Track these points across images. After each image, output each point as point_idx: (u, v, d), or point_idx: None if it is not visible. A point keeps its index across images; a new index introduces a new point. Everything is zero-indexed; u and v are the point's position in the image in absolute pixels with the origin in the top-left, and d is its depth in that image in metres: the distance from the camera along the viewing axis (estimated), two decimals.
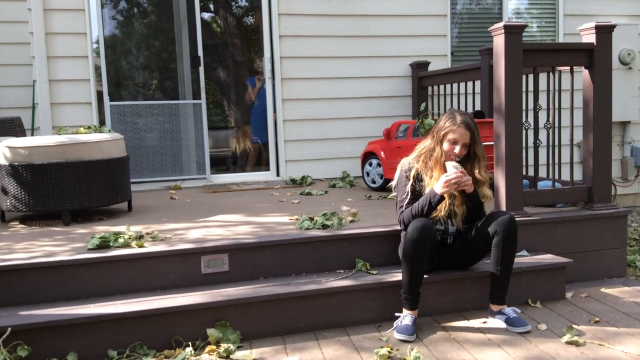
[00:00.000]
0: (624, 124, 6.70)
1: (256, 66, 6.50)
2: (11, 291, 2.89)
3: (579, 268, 3.61)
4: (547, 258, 3.45)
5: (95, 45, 5.48)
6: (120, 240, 3.15)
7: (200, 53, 5.61)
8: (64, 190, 3.79)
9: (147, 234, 3.40)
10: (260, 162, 6.90)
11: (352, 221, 3.61)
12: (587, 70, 3.75)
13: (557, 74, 3.87)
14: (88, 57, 5.34)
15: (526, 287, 3.29)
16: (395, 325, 2.93)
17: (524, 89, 3.72)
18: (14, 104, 5.77)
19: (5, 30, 5.79)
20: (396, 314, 2.98)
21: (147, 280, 3.04)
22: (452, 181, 2.87)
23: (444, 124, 3.01)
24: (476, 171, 3.04)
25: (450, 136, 2.98)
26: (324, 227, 3.41)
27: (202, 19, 5.76)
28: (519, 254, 3.50)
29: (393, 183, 3.17)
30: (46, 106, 5.26)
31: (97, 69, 5.48)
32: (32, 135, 5.64)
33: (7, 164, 3.81)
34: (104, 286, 2.99)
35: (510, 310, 2.99)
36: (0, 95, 5.84)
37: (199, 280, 3.10)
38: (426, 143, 3.10)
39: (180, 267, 3.09)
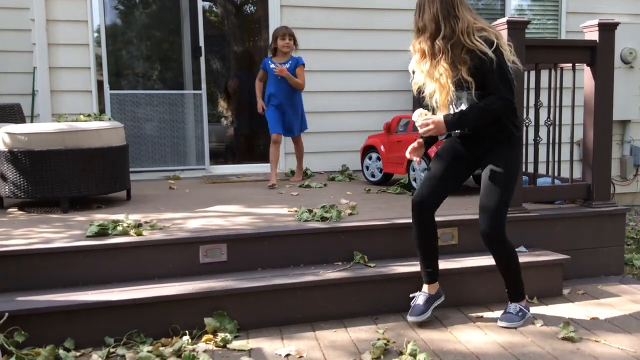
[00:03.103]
0: (624, 123, 6.70)
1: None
2: (9, 277, 2.88)
3: (576, 265, 3.61)
4: (545, 254, 3.45)
5: (96, 34, 5.46)
6: (119, 228, 3.15)
7: (202, 43, 5.60)
8: (63, 178, 3.78)
9: (146, 222, 3.40)
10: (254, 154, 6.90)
11: (351, 214, 3.61)
12: (589, 67, 3.75)
13: (559, 71, 3.87)
14: (89, 45, 5.33)
15: (524, 283, 3.28)
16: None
17: (525, 85, 3.71)
18: (14, 90, 5.77)
19: (6, 17, 5.78)
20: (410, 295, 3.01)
21: (145, 269, 3.04)
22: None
23: None
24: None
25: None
26: (323, 219, 3.41)
27: (203, 9, 5.75)
28: (517, 249, 3.50)
29: None
30: (46, 93, 5.25)
31: (98, 57, 5.47)
32: (32, 122, 5.63)
33: (6, 150, 3.80)
34: (102, 273, 2.98)
35: (512, 307, 2.98)
36: (0, 81, 5.84)
37: (197, 269, 3.10)
38: None
39: (178, 256, 3.08)
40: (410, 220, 3.22)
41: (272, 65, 4.94)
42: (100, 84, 5.47)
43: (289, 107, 4.98)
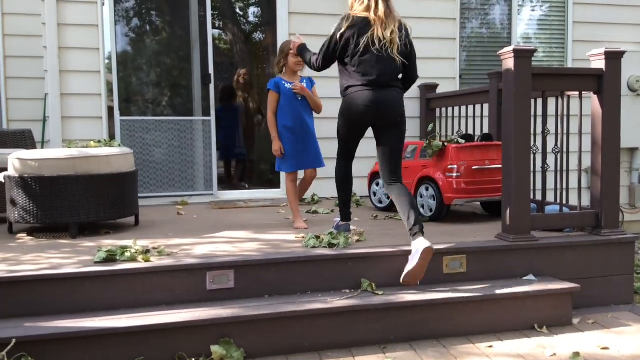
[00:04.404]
0: (632, 151, 6.69)
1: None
2: (17, 303, 2.89)
3: (586, 294, 3.58)
4: (554, 283, 3.43)
5: (107, 61, 5.54)
6: (127, 254, 3.16)
7: (211, 70, 5.67)
8: (73, 203, 3.81)
9: (154, 248, 3.41)
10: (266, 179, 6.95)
11: (358, 241, 3.61)
12: (596, 95, 3.76)
13: (565, 99, 3.88)
14: (100, 72, 5.40)
15: (533, 311, 3.26)
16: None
17: (532, 112, 3.73)
18: (26, 116, 5.85)
19: (20, 44, 5.89)
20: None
21: (153, 295, 3.04)
22: None
23: None
24: None
25: None
26: (330, 246, 3.41)
27: (213, 37, 5.83)
28: (525, 277, 3.49)
29: None
30: (57, 119, 5.31)
31: (109, 84, 5.54)
32: (42, 148, 5.69)
33: (17, 175, 3.83)
34: (110, 300, 2.98)
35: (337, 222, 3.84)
36: (13, 107, 5.92)
37: (204, 296, 3.10)
38: None
39: (185, 283, 3.08)
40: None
41: (287, 85, 4.18)
42: (110, 110, 5.53)
43: (308, 135, 4.22)
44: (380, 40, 3.38)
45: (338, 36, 3.48)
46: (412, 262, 3.11)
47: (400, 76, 3.55)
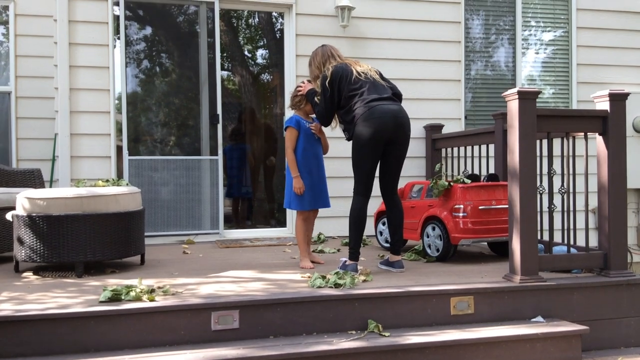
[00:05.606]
0: (639, 191, 6.67)
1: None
2: (22, 342, 2.87)
3: (595, 336, 3.53)
4: (563, 325, 3.38)
5: (117, 102, 5.63)
6: (132, 293, 3.15)
7: (219, 111, 5.74)
8: (79, 242, 3.82)
9: (159, 287, 3.40)
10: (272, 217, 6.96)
11: (364, 281, 3.59)
12: (601, 136, 3.78)
13: (571, 140, 3.90)
14: (110, 112, 5.48)
15: (542, 354, 3.21)
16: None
17: (538, 153, 3.74)
18: (35, 156, 5.93)
19: (31, 85, 6.01)
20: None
21: (157, 335, 3.02)
22: None
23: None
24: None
25: None
26: (336, 286, 3.39)
27: (222, 78, 5.92)
28: (534, 319, 3.45)
29: None
30: (66, 159, 5.37)
31: (118, 124, 5.61)
32: (51, 187, 5.74)
33: (24, 214, 3.86)
34: (114, 340, 2.96)
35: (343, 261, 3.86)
36: (22, 147, 6.01)
37: (208, 336, 3.07)
38: None
39: (190, 323, 3.06)
40: (424, 288, 3.21)
41: (307, 124, 4.21)
42: (119, 150, 5.59)
43: (322, 174, 4.27)
44: (363, 72, 3.88)
45: (327, 84, 3.86)
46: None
47: None
